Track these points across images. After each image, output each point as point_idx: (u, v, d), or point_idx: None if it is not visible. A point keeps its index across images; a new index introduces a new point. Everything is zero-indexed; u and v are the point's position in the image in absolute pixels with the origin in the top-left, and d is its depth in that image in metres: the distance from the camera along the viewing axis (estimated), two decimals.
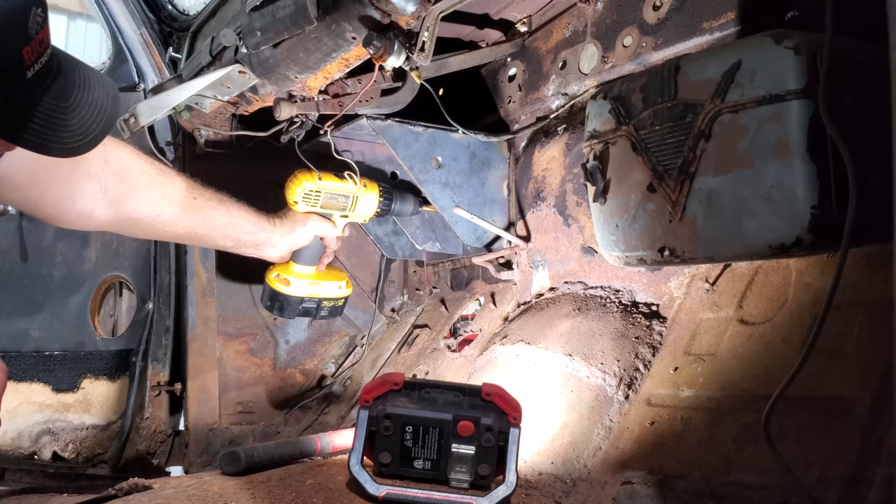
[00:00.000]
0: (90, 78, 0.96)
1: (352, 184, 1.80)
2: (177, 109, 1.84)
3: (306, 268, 1.80)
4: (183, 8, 2.18)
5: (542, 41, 1.78)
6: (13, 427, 2.27)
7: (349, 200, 1.80)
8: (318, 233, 1.77)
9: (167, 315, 2.12)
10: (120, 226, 1.51)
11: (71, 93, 0.92)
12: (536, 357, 1.55)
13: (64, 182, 1.37)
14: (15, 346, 2.39)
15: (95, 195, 1.41)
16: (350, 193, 1.80)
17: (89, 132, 0.94)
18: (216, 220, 1.61)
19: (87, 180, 1.39)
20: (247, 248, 1.71)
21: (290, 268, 1.79)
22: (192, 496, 1.19)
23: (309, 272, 1.81)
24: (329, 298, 1.85)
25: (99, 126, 0.95)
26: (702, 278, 1.42)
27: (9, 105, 0.84)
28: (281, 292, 1.80)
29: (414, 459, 1.24)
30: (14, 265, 2.43)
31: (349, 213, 1.82)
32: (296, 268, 1.80)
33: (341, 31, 1.35)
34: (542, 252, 1.78)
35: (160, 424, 2.09)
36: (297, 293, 1.80)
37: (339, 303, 1.89)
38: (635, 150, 1.33)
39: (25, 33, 0.81)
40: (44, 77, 0.87)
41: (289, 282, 1.79)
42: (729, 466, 1.11)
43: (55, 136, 0.90)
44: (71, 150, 0.93)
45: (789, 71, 1.10)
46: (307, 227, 1.75)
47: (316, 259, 1.81)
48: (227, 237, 1.65)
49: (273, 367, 2.22)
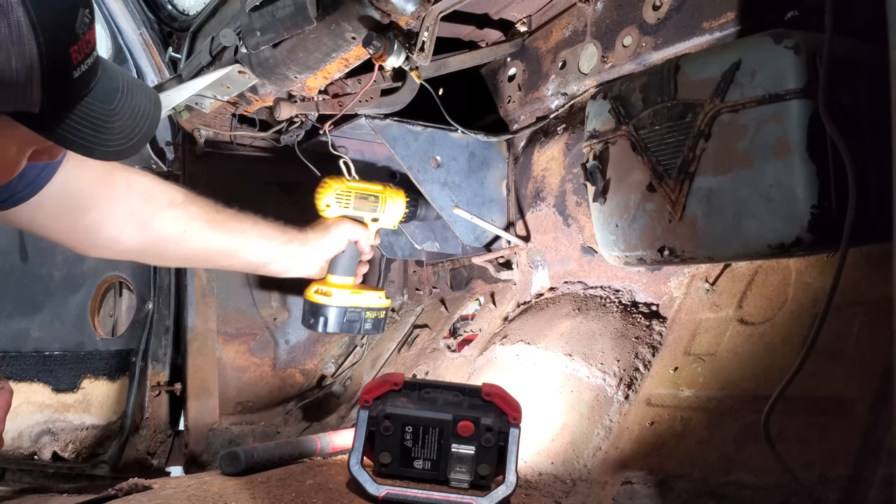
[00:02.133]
0: (132, 83, 0.96)
1: (379, 186, 1.77)
2: (177, 109, 1.85)
3: (345, 278, 1.75)
4: (183, 8, 2.18)
5: (541, 41, 1.78)
6: (13, 427, 2.27)
7: (379, 201, 1.77)
8: (352, 236, 1.72)
9: (167, 315, 2.12)
10: (149, 248, 1.49)
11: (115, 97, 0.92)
12: (536, 357, 1.55)
13: (94, 207, 1.37)
14: (15, 346, 2.39)
15: (122, 219, 1.41)
16: (379, 194, 1.77)
17: (133, 136, 0.94)
18: (245, 233, 1.57)
19: (114, 204, 1.39)
20: (282, 263, 1.66)
21: (328, 280, 1.75)
22: (192, 496, 1.19)
23: (348, 282, 1.76)
24: (371, 309, 1.79)
25: (142, 131, 0.95)
26: (702, 278, 1.42)
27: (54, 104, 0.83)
28: (323, 304, 1.73)
29: (414, 459, 1.24)
30: (14, 265, 2.44)
31: (379, 216, 1.78)
32: (334, 279, 1.75)
33: (341, 32, 1.36)
34: (541, 252, 1.78)
35: (160, 424, 2.09)
36: (340, 303, 1.74)
37: (381, 314, 1.82)
38: (635, 149, 1.33)
39: (73, 32, 0.81)
40: (89, 79, 0.86)
41: (330, 293, 1.73)
42: (729, 466, 1.11)
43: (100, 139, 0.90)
44: (115, 154, 0.93)
45: (789, 71, 1.10)
46: (340, 229, 1.70)
47: (353, 269, 1.77)
48: (258, 251, 1.60)
49: (273, 367, 2.22)
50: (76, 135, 0.88)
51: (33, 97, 0.80)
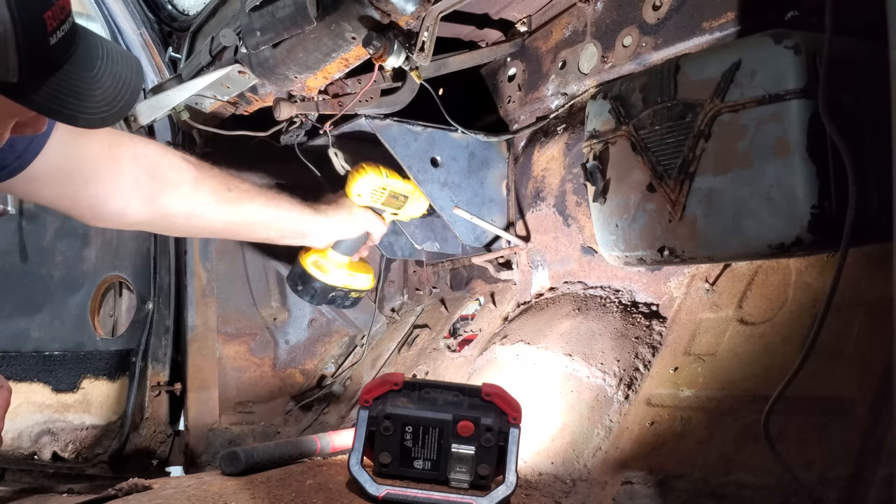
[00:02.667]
0: (113, 50, 0.95)
1: (411, 185, 1.76)
2: (177, 109, 1.84)
3: (343, 257, 1.75)
4: (183, 8, 2.18)
5: (541, 41, 1.78)
6: (13, 427, 2.27)
7: (407, 200, 1.78)
8: (370, 228, 1.74)
9: (167, 315, 2.12)
10: (157, 223, 1.50)
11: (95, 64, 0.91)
12: (536, 357, 1.55)
13: (97, 180, 1.36)
14: (15, 346, 2.39)
15: (129, 193, 1.41)
16: (409, 194, 1.77)
17: (115, 103, 0.93)
18: (256, 211, 1.57)
19: (119, 178, 1.39)
20: (293, 239, 1.67)
21: (327, 254, 1.74)
22: (192, 496, 1.19)
23: (345, 262, 1.76)
24: (357, 290, 1.81)
25: (124, 98, 0.94)
26: (702, 278, 1.42)
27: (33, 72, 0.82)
28: (317, 279, 1.74)
29: (414, 459, 1.23)
30: (14, 265, 2.44)
31: (399, 212, 1.79)
32: (334, 255, 1.74)
33: (341, 32, 1.36)
34: (541, 252, 1.78)
35: (160, 424, 2.09)
36: (333, 282, 1.75)
37: (361, 294, 1.84)
38: (635, 149, 1.32)
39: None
40: (67, 45, 0.86)
41: (326, 269, 1.73)
42: (729, 466, 1.11)
43: (82, 107, 0.89)
44: (99, 121, 0.93)
45: (789, 71, 1.10)
46: (362, 219, 1.71)
47: (355, 251, 1.77)
48: (269, 228, 1.61)
49: (273, 367, 2.22)
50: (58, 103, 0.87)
51: (9, 64, 0.79)
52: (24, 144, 1.23)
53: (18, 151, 1.22)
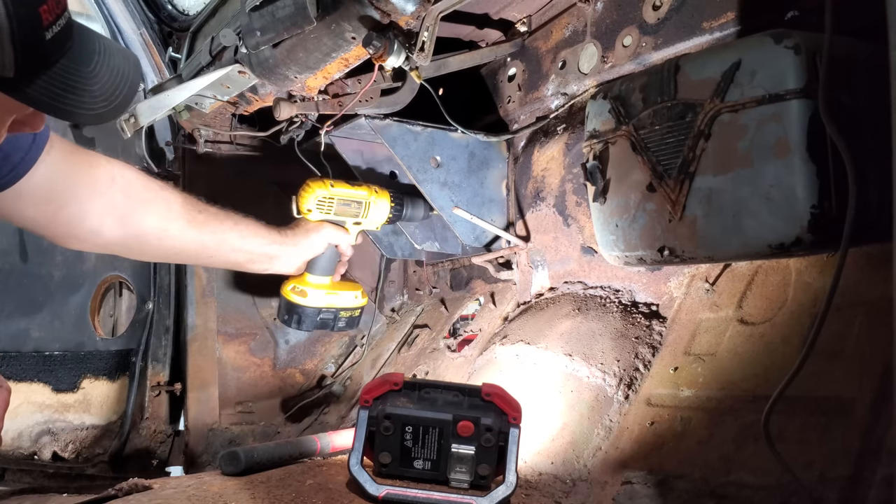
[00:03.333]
0: (109, 46, 0.94)
1: (364, 191, 1.78)
2: (176, 109, 1.84)
3: (322, 278, 1.78)
4: (183, 8, 2.18)
5: (541, 41, 1.78)
6: (13, 427, 2.27)
7: (362, 207, 1.78)
8: (332, 240, 1.75)
9: (167, 315, 2.12)
10: (129, 243, 1.50)
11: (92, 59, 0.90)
12: (536, 357, 1.55)
13: (76, 199, 1.37)
14: (15, 346, 2.39)
15: (104, 212, 1.42)
16: (362, 200, 1.78)
17: (113, 99, 0.92)
18: (225, 233, 1.58)
19: (97, 197, 1.40)
20: (261, 263, 1.68)
21: (305, 279, 1.77)
22: (192, 496, 1.19)
23: (325, 283, 1.79)
24: (346, 308, 1.83)
25: (122, 93, 0.94)
26: (702, 278, 1.42)
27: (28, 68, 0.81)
28: (298, 304, 1.77)
29: (414, 459, 1.23)
30: (14, 265, 2.43)
31: (362, 220, 1.80)
32: (311, 278, 1.77)
33: (341, 31, 1.35)
34: (541, 252, 1.78)
35: (160, 424, 2.09)
36: (315, 304, 1.77)
37: (355, 313, 1.86)
38: (635, 149, 1.33)
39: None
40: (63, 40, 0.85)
41: (305, 293, 1.76)
42: (729, 466, 1.11)
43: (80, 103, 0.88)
44: (97, 117, 0.92)
45: (789, 70, 1.10)
46: (321, 234, 1.73)
47: (331, 269, 1.79)
48: (238, 251, 1.63)
49: (273, 367, 2.22)
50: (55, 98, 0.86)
51: (4, 59, 0.78)
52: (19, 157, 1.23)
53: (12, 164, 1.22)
